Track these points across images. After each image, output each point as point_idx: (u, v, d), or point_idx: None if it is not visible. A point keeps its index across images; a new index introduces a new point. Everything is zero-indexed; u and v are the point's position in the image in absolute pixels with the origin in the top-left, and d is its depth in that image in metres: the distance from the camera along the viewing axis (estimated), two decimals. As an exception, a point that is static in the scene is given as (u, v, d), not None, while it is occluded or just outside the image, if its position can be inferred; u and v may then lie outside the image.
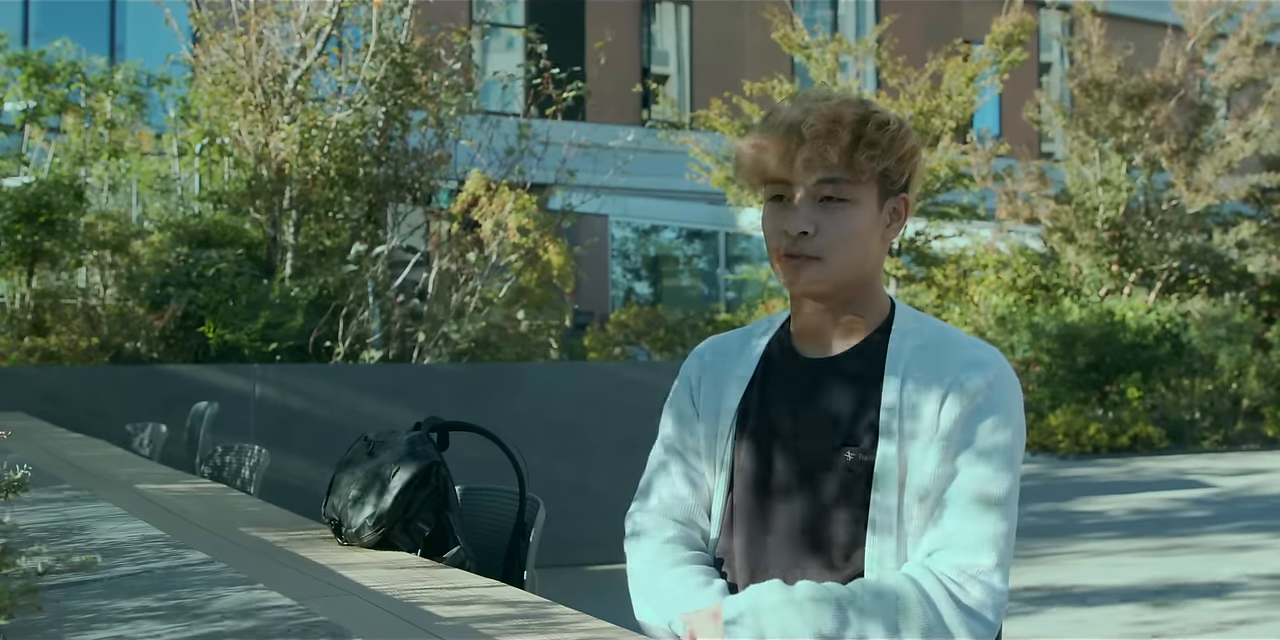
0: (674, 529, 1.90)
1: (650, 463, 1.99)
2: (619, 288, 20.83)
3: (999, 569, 1.68)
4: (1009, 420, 1.75)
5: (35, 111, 10.95)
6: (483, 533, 2.44)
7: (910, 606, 1.64)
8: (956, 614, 1.65)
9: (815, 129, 1.74)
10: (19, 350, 7.41)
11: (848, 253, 1.78)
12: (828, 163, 1.75)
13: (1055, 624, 5.73)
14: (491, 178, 8.84)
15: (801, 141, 1.75)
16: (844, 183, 1.77)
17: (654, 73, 21.71)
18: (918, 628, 1.64)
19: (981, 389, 1.74)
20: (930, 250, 17.46)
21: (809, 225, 1.76)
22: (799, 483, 1.82)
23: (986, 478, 1.70)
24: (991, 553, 1.68)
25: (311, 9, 8.42)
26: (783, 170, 1.77)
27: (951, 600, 1.65)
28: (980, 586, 1.67)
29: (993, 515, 1.69)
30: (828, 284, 1.79)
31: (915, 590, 1.66)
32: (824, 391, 1.84)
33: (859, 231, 1.78)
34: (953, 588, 1.66)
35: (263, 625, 1.51)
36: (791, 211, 1.78)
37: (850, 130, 1.75)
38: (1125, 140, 16.44)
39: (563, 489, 6.24)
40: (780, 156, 1.76)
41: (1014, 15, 16.20)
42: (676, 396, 1.98)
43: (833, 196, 1.77)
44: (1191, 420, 14.60)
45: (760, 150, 1.79)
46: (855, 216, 1.78)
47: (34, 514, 2.52)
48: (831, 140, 1.74)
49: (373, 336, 8.24)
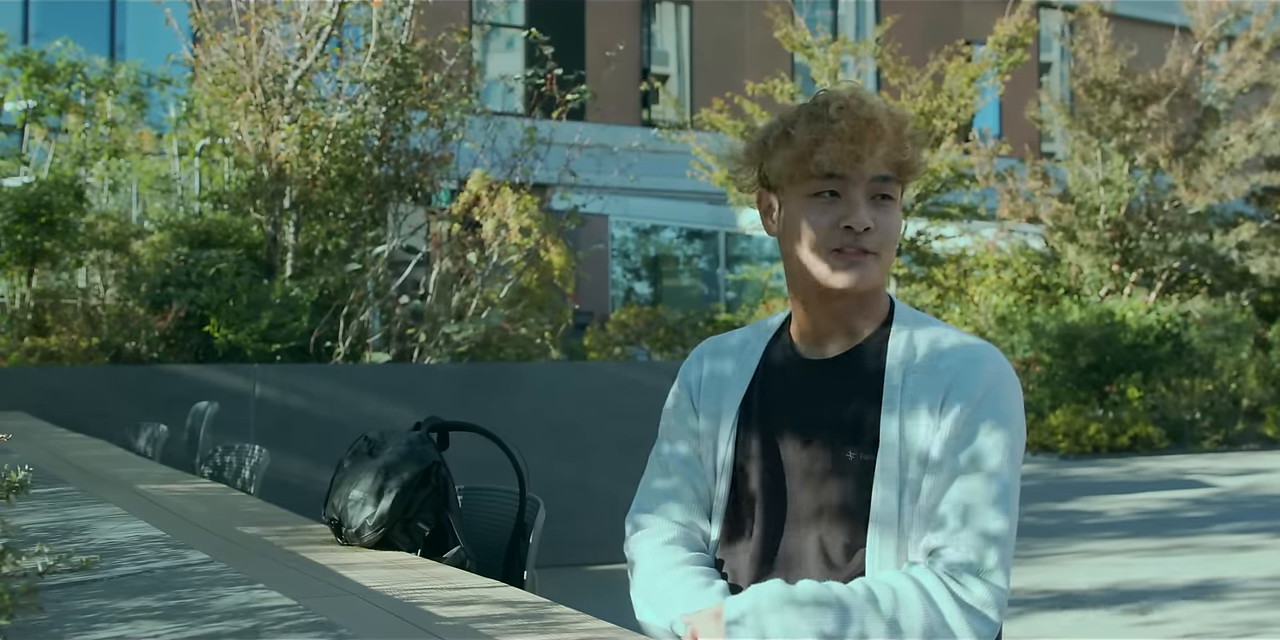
0: (674, 530, 1.90)
1: (650, 463, 1.99)
2: (619, 288, 20.83)
3: (1000, 568, 1.68)
4: (1009, 419, 1.75)
5: (36, 111, 10.95)
6: (483, 533, 2.44)
7: (912, 606, 1.64)
8: (959, 613, 1.65)
9: (886, 131, 1.78)
10: (19, 350, 7.41)
11: (893, 250, 1.84)
12: (894, 160, 1.80)
13: (1055, 624, 5.73)
14: (493, 178, 8.84)
15: (876, 141, 1.77)
16: (894, 182, 1.81)
17: (654, 73, 21.70)
18: (920, 627, 1.64)
19: (980, 388, 1.75)
20: (931, 250, 17.46)
21: (871, 222, 1.79)
22: (800, 483, 1.82)
23: (987, 477, 1.71)
24: (993, 551, 1.68)
25: (312, 9, 8.42)
26: (844, 166, 1.78)
27: (953, 599, 1.66)
28: (982, 585, 1.67)
29: (993, 514, 1.69)
30: (878, 281, 1.82)
31: (917, 590, 1.66)
32: (824, 392, 1.84)
33: (899, 230, 1.86)
34: (954, 587, 1.66)
35: (263, 625, 1.51)
36: (852, 207, 1.79)
37: (909, 133, 1.80)
38: (1128, 140, 16.43)
39: (563, 489, 6.24)
40: (849, 154, 1.77)
41: (1018, 17, 16.17)
42: (677, 397, 1.99)
43: (885, 195, 1.81)
44: (1191, 420, 14.60)
45: (819, 144, 1.78)
46: (898, 215, 1.84)
47: (34, 514, 2.52)
48: (898, 142, 1.79)
49: (373, 337, 8.24)
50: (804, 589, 1.66)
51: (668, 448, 1.96)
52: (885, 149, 1.78)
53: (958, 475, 1.71)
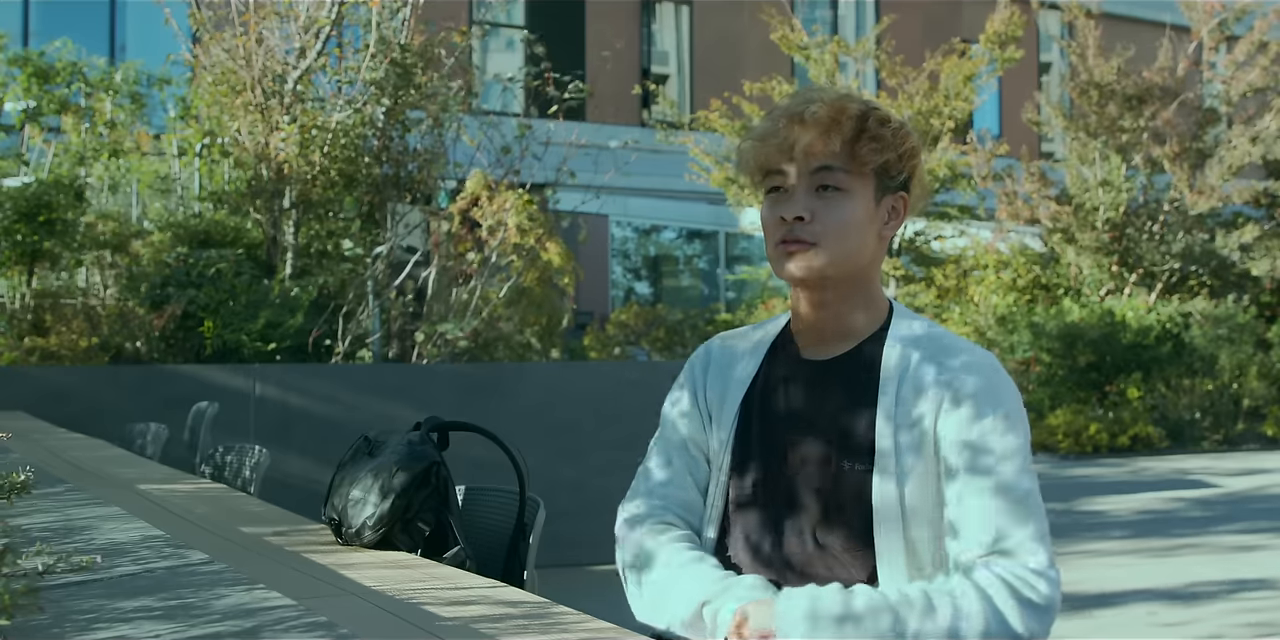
0: (675, 521, 1.89)
1: (650, 452, 1.98)
2: (619, 288, 20.84)
3: (1053, 564, 1.72)
4: (1018, 421, 1.77)
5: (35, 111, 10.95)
6: (483, 533, 2.43)
7: (971, 608, 1.64)
8: (1024, 611, 1.66)
9: (818, 116, 1.78)
10: (19, 350, 7.41)
11: (842, 242, 1.80)
12: (829, 150, 1.78)
13: (1059, 625, 5.70)
14: (492, 178, 8.84)
15: (804, 129, 1.78)
16: (841, 172, 1.79)
17: (654, 73, 21.71)
18: (978, 630, 1.64)
19: (978, 392, 1.75)
20: (930, 250, 17.46)
21: (805, 212, 1.79)
22: (801, 484, 1.82)
23: (1015, 477, 1.73)
24: (1043, 549, 1.71)
25: (311, 9, 8.42)
26: (782, 158, 1.80)
27: (1018, 599, 1.67)
28: (1045, 581, 1.69)
29: (1033, 514, 1.73)
30: (819, 271, 1.80)
31: (977, 593, 1.66)
32: (823, 394, 1.85)
33: (854, 221, 1.80)
34: (1020, 586, 1.67)
35: (263, 625, 1.51)
36: (789, 199, 1.80)
37: (854, 121, 1.79)
38: (1125, 141, 16.43)
39: (563, 489, 6.24)
40: (781, 144, 1.79)
41: (1003, 12, 16.23)
42: (681, 391, 1.98)
43: (830, 185, 1.80)
44: (1192, 420, 14.60)
45: (762, 141, 1.82)
46: (851, 206, 1.80)
47: (35, 514, 2.52)
48: (834, 128, 1.78)
49: (372, 336, 8.23)
50: (860, 597, 1.64)
51: (669, 437, 1.96)
52: (814, 137, 1.78)
53: (989, 480, 1.72)
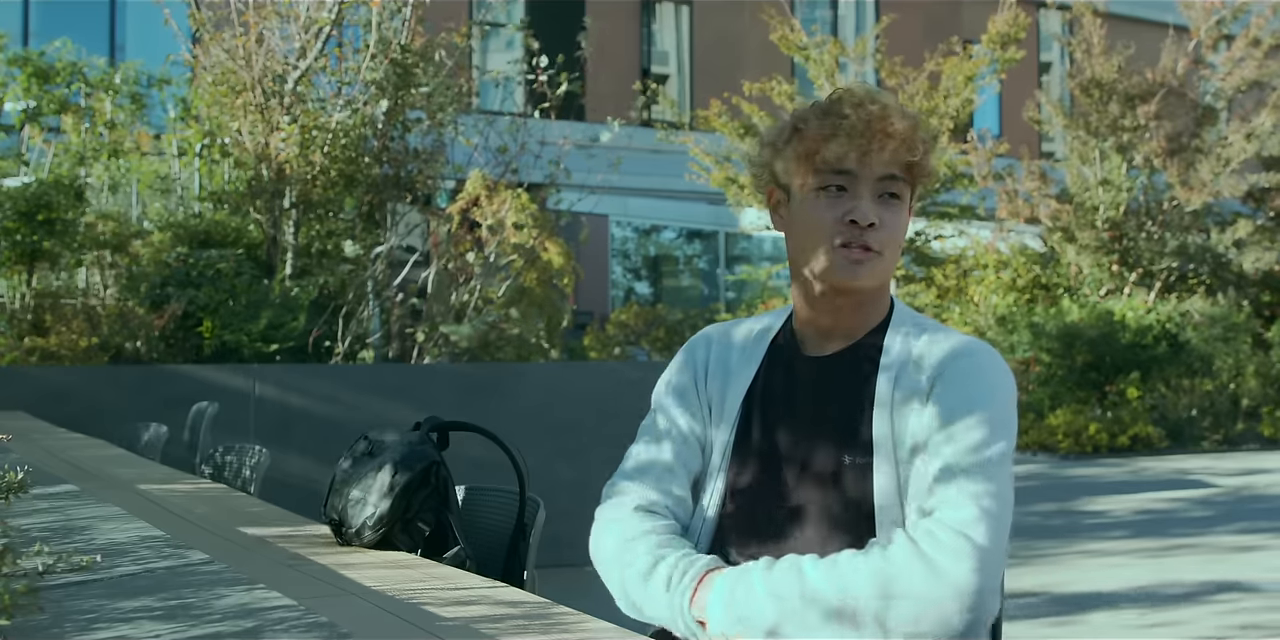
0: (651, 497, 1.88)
1: (641, 432, 1.97)
2: (619, 288, 20.83)
3: (981, 522, 1.63)
4: (993, 391, 1.75)
5: (35, 111, 10.94)
6: (483, 533, 2.44)
7: (867, 564, 1.63)
8: (917, 559, 1.61)
9: (897, 129, 1.78)
10: (19, 350, 7.41)
11: (897, 250, 1.83)
12: (901, 162, 1.79)
13: (1057, 624, 5.72)
14: (491, 177, 8.84)
15: (888, 138, 1.78)
16: (902, 182, 1.81)
17: (654, 73, 21.70)
18: (869, 590, 1.61)
19: (962, 369, 1.77)
20: (930, 250, 17.45)
21: (876, 218, 1.79)
22: (800, 479, 1.82)
23: (973, 445, 1.70)
24: (970, 506, 1.64)
25: (311, 9, 8.42)
26: (852, 162, 1.79)
27: (914, 548, 1.62)
28: (951, 533, 1.62)
29: (977, 476, 1.67)
30: (881, 279, 1.82)
31: (878, 549, 1.65)
32: (823, 389, 1.85)
33: (905, 229, 1.84)
34: (920, 538, 1.63)
35: (264, 625, 1.51)
36: (857, 202, 1.79)
37: (921, 135, 1.81)
38: (1125, 140, 16.42)
39: (563, 489, 6.22)
40: (858, 149, 1.78)
41: (1008, 13, 16.20)
42: (680, 374, 1.97)
43: (893, 193, 1.81)
44: (1191, 420, 14.59)
45: (829, 139, 1.79)
46: (905, 215, 1.83)
47: (35, 514, 2.52)
48: (909, 141, 1.79)
49: (373, 336, 8.23)
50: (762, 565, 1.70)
51: (663, 420, 1.95)
52: (894, 147, 1.78)
53: (946, 447, 1.71)
